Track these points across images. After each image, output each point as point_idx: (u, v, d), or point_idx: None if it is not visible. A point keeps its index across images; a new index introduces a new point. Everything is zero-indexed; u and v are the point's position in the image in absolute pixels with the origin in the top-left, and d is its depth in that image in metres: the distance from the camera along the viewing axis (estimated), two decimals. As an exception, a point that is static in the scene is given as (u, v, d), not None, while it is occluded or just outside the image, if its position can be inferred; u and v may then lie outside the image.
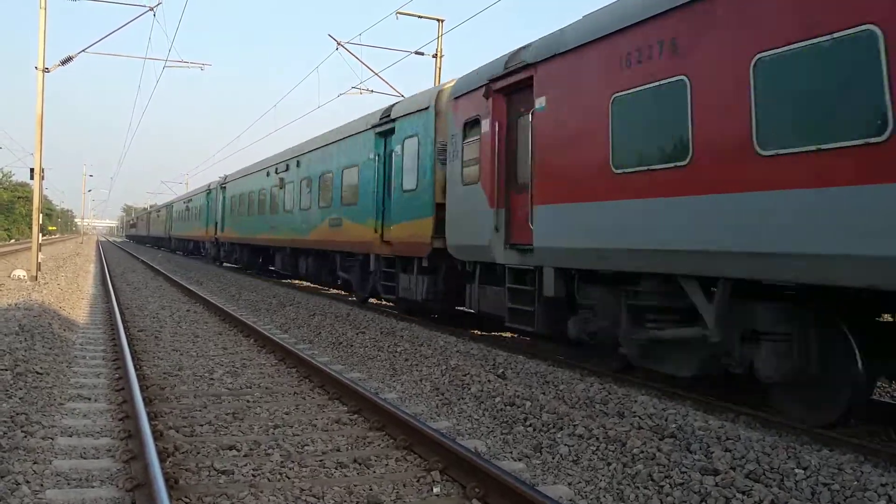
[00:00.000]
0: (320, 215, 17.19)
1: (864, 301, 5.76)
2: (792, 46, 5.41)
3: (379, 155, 13.79)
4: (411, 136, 12.47)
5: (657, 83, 6.73)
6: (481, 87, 9.79)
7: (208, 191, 34.96)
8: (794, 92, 5.44)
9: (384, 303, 15.44)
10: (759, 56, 5.67)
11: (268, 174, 22.78)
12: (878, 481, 4.49)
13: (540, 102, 8.50)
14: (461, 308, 12.02)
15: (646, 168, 6.88)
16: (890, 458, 5.18)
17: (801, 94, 5.40)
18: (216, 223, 32.14)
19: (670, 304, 6.94)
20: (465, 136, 10.33)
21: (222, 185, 31.09)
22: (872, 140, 4.86)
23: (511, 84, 9.20)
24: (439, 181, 11.38)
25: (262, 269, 26.81)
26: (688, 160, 6.35)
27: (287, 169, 20.58)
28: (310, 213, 18.14)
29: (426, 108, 12.03)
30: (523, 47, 9.18)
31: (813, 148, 5.23)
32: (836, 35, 5.10)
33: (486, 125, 9.69)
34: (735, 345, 6.27)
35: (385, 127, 13.58)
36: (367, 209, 14.13)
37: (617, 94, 7.23)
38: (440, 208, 11.28)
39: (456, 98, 10.78)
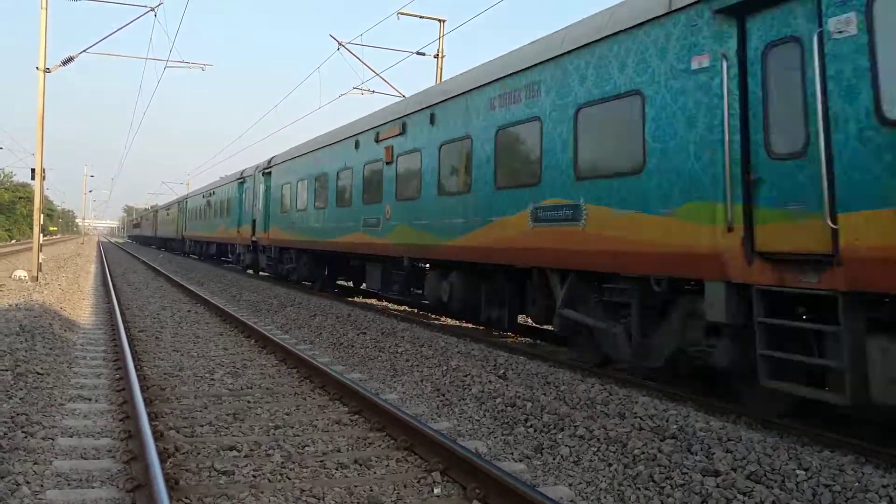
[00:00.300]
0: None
1: None
2: None
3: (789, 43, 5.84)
4: None
5: None
6: None
7: (241, 179, 26.96)
8: None
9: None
10: None
11: (356, 145, 14.95)
12: (879, 482, 4.49)
13: None
14: None
15: None
16: (891, 459, 5.17)
17: None
18: (254, 221, 24.28)
19: None
20: None
21: (265, 171, 23.29)
22: None
23: None
24: None
25: (330, 285, 19.76)
26: None
27: (402, 132, 12.72)
28: (470, 198, 10.39)
29: None
30: None
31: None
32: None
33: None
34: None
35: None
36: (697, 182, 6.51)
37: None
38: None
39: None
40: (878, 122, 5.14)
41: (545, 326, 10.62)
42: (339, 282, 20.49)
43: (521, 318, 11.88)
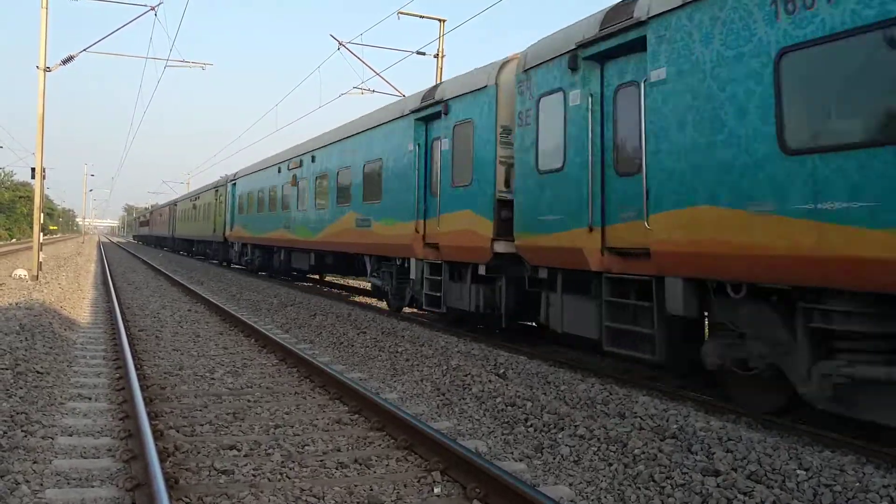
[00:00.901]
0: None
1: None
2: None
3: None
4: None
5: None
6: None
7: (424, 108, 11.80)
8: None
9: None
10: None
11: None
12: (879, 482, 4.48)
13: None
14: None
15: None
16: (891, 460, 5.16)
17: None
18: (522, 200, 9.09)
19: None
20: None
21: (598, 46, 7.68)
22: None
23: None
24: None
25: None
26: None
27: None
28: None
29: None
30: None
31: None
32: None
33: None
34: None
35: None
36: None
37: None
38: None
39: None
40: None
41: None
42: None
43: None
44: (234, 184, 28.62)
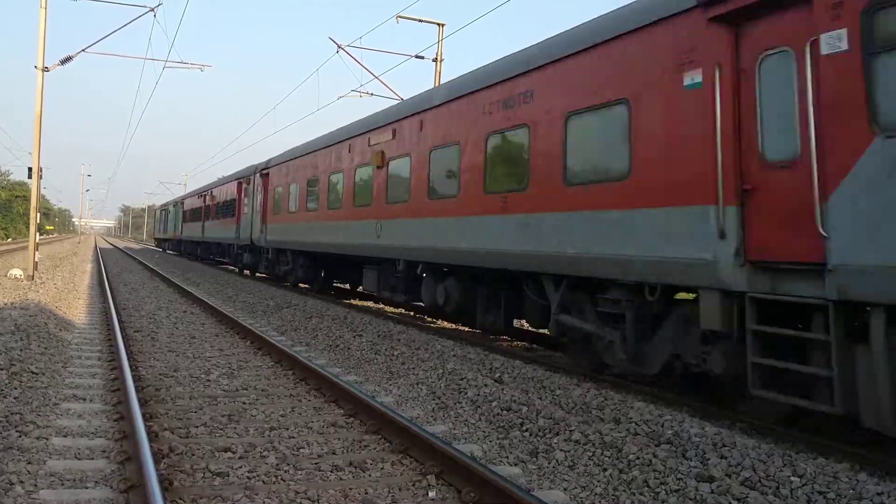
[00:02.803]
0: None
1: None
2: None
3: None
4: None
5: None
6: None
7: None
8: None
9: None
10: None
11: None
12: (873, 490, 4.50)
13: None
14: None
15: None
16: (885, 467, 5.18)
17: None
18: None
19: None
20: None
21: None
22: None
23: None
24: None
25: None
26: None
27: None
28: None
29: None
30: None
31: None
32: None
33: None
34: None
35: None
36: None
37: None
38: None
39: None
40: None
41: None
42: None
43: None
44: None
